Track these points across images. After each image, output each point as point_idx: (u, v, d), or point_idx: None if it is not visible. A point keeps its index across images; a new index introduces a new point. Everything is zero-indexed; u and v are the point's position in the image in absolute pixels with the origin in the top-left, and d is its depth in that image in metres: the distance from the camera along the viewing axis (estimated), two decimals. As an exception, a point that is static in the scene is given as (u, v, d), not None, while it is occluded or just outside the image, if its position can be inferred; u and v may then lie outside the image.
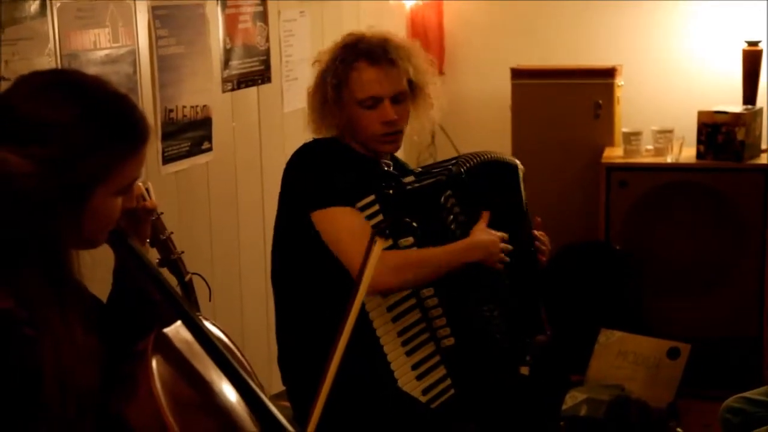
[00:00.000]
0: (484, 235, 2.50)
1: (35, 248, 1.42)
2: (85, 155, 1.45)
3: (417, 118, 2.64)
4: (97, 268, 1.59)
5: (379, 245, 1.68)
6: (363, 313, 2.41)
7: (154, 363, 1.57)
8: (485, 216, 2.54)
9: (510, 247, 2.53)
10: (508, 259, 2.52)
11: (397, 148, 2.62)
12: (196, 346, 1.67)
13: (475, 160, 2.60)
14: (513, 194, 2.68)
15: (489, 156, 2.65)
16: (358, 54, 2.52)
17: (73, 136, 1.44)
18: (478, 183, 2.57)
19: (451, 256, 2.45)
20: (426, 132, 2.75)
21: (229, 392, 1.67)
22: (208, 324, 1.72)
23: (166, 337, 1.66)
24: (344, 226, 2.41)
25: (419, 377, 2.47)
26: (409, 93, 2.57)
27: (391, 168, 2.64)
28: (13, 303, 1.40)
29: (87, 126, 1.46)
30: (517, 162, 2.73)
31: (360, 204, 2.44)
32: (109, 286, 1.77)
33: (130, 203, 1.65)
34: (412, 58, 2.57)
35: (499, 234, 2.52)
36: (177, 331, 1.68)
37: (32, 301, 1.41)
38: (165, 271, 1.96)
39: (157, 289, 1.66)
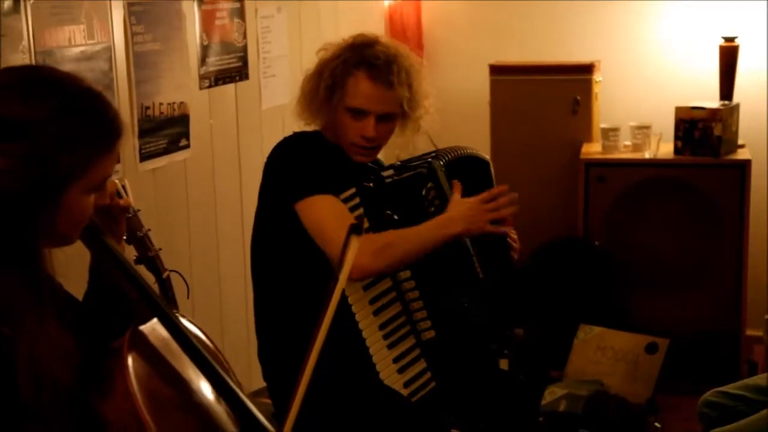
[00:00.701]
0: (460, 206, 2.44)
1: (8, 245, 1.41)
2: (59, 152, 1.44)
3: (402, 136, 2.61)
4: (72, 266, 1.58)
5: (356, 241, 1.68)
6: (345, 306, 2.41)
7: (129, 360, 1.56)
8: (457, 186, 2.49)
9: (501, 201, 2.44)
10: (496, 215, 2.43)
11: (368, 162, 2.59)
12: (173, 344, 1.66)
13: (452, 155, 2.61)
14: (488, 188, 2.68)
15: (465, 151, 2.67)
16: (362, 60, 2.47)
17: (48, 133, 1.43)
18: (456, 176, 2.57)
19: (429, 231, 2.40)
20: (408, 149, 2.72)
21: (206, 390, 1.67)
22: (185, 321, 1.71)
23: (141, 334, 1.65)
24: (328, 215, 2.38)
25: (400, 370, 2.49)
26: (399, 114, 2.54)
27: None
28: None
29: (61, 122, 1.44)
30: (488, 158, 2.75)
31: (341, 197, 2.44)
32: (85, 284, 1.75)
33: (103, 200, 1.64)
34: (413, 85, 2.52)
35: (475, 198, 2.45)
36: (153, 328, 1.67)
37: (6, 298, 1.40)
38: (142, 269, 1.95)
39: (133, 286, 1.65)
